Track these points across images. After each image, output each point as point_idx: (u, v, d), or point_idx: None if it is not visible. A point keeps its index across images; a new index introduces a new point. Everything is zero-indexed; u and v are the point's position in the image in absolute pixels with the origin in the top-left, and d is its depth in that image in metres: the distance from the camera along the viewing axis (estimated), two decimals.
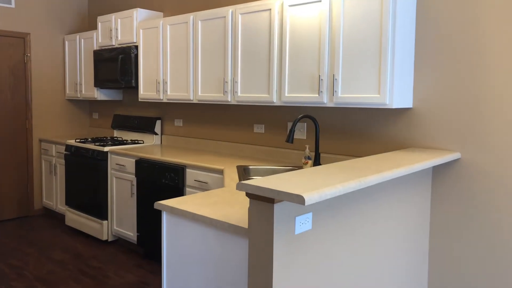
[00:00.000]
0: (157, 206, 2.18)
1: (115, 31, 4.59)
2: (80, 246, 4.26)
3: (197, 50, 3.73)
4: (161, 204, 2.15)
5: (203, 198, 2.27)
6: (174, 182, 3.54)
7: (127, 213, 4.10)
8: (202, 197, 2.30)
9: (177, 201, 2.18)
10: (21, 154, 5.19)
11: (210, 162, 3.41)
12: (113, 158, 4.21)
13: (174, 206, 2.09)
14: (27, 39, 5.15)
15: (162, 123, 4.70)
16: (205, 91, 3.70)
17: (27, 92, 5.19)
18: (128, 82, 4.39)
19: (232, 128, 3.98)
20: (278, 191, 1.55)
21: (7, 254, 4.03)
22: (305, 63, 2.98)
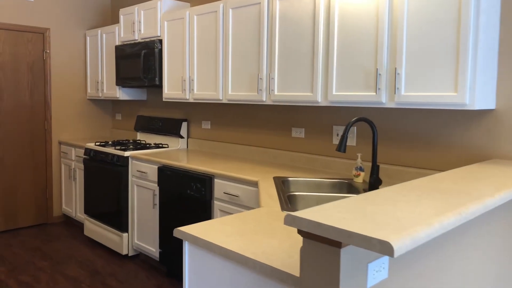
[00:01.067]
0: (177, 234, 1.72)
1: (138, 24, 4.18)
2: (98, 260, 3.86)
3: (227, 43, 3.26)
4: (182, 231, 1.68)
5: (235, 222, 1.79)
6: (200, 194, 3.08)
7: (149, 226, 3.67)
8: (234, 221, 1.82)
9: (202, 228, 1.70)
10: (40, 157, 4.86)
11: (242, 171, 2.93)
12: (134, 164, 3.79)
13: (198, 236, 1.62)
14: (47, 35, 4.81)
15: (188, 125, 4.26)
16: (236, 90, 3.23)
17: (46, 91, 4.86)
18: (151, 80, 3.97)
19: (266, 132, 3.48)
20: (350, 232, 1.05)
21: (18, 268, 3.67)
22: (358, 55, 2.46)
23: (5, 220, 4.65)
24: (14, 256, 3.94)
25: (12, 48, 4.59)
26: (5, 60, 4.55)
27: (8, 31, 4.57)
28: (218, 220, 1.84)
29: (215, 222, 1.82)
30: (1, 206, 4.62)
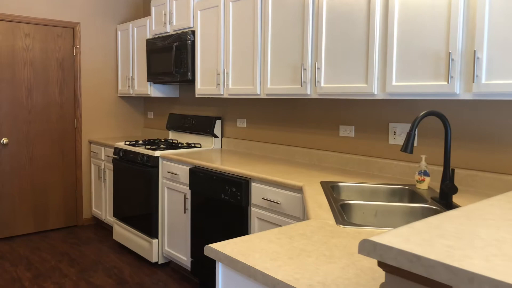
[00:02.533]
0: (209, 252, 1.39)
1: (170, 15, 3.90)
2: (126, 268, 3.60)
3: (266, 30, 2.92)
4: (215, 250, 1.35)
5: (281, 239, 1.44)
6: (235, 199, 2.75)
7: (180, 233, 3.38)
8: (279, 237, 1.47)
9: (240, 246, 1.36)
10: (70, 157, 4.68)
11: (283, 174, 2.58)
12: (164, 165, 3.51)
13: (236, 258, 1.28)
14: (77, 29, 4.63)
15: (222, 124, 3.94)
16: (275, 83, 2.88)
17: (76, 88, 4.67)
18: (183, 74, 3.68)
19: (310, 131, 3.11)
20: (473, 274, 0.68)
21: (44, 274, 3.46)
22: (424, 38, 2.06)
23: (35, 222, 4.49)
24: (41, 261, 3.74)
25: (41, 44, 4.42)
26: (34, 56, 4.39)
27: (38, 26, 4.40)
28: (259, 236, 1.49)
29: (255, 237, 1.47)
30: (32, 207, 4.46)
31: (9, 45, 4.25)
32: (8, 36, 4.24)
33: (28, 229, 4.45)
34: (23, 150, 4.38)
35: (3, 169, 4.28)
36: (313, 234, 1.51)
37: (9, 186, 4.33)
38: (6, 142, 4.28)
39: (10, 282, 3.32)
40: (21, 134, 4.36)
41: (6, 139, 4.28)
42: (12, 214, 4.35)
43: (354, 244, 1.41)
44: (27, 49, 4.35)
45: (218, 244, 1.39)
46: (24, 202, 4.41)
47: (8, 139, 4.30)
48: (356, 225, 1.59)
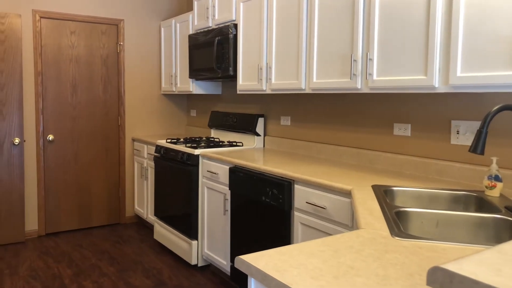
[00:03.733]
0: (240, 265, 1.20)
1: (212, 9, 3.77)
2: (165, 269, 3.50)
3: (312, 19, 2.70)
4: (247, 263, 1.16)
5: (325, 252, 1.23)
6: (277, 202, 2.55)
7: (219, 235, 3.22)
8: (322, 249, 1.26)
9: (276, 259, 1.16)
10: (113, 154, 4.67)
11: (329, 176, 2.35)
12: (204, 164, 3.37)
13: (269, 274, 1.09)
14: (120, 26, 4.60)
15: (265, 122, 3.76)
16: (322, 76, 2.65)
17: (119, 85, 4.65)
18: (225, 70, 3.53)
19: (360, 129, 2.86)
20: None
21: (84, 272, 3.42)
22: (495, 21, 1.76)
23: (79, 218, 4.51)
24: (82, 259, 3.72)
25: (86, 41, 4.43)
26: (79, 53, 4.41)
27: (83, 23, 4.41)
28: (299, 247, 1.29)
29: (294, 249, 1.27)
30: (76, 204, 4.48)
31: (55, 43, 4.29)
32: (54, 34, 4.28)
33: (72, 226, 4.48)
34: (68, 147, 4.42)
35: (49, 165, 4.33)
36: (363, 247, 1.29)
37: (54, 182, 4.37)
38: (52, 139, 4.32)
39: (51, 278, 3.30)
40: (66, 131, 4.39)
41: (52, 136, 4.32)
42: (57, 210, 4.39)
43: (413, 261, 1.18)
44: (73, 46, 4.37)
45: (250, 256, 1.20)
46: (68, 198, 4.44)
47: (54, 135, 4.34)
48: (415, 238, 1.35)
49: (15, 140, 4.02)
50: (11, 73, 3.97)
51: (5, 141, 3.99)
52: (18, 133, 4.04)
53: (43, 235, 4.34)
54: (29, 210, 4.26)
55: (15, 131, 4.02)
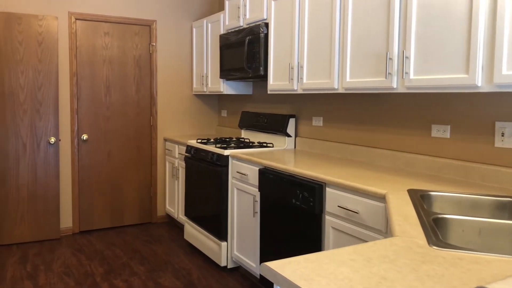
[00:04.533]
0: (265, 272, 1.15)
1: (243, 8, 3.73)
2: (194, 270, 3.49)
3: (345, 15, 2.60)
4: (273, 271, 1.11)
5: (356, 261, 1.15)
6: (308, 205, 2.47)
7: (249, 237, 3.18)
8: (353, 258, 1.18)
9: (304, 267, 1.10)
10: (145, 154, 4.71)
11: (363, 180, 2.25)
12: (234, 164, 3.33)
13: (296, 283, 1.03)
14: (153, 27, 4.64)
15: (296, 122, 3.68)
16: (356, 75, 2.55)
17: (152, 86, 4.69)
18: (256, 70, 3.48)
19: (396, 130, 2.74)
20: None
21: (115, 270, 3.46)
22: None
23: (112, 217, 4.58)
24: (114, 257, 3.76)
25: (119, 42, 4.49)
26: (113, 54, 4.47)
27: (116, 24, 4.48)
28: (328, 255, 1.22)
29: (324, 257, 1.20)
30: (109, 202, 4.55)
31: (90, 44, 4.36)
32: (88, 35, 4.35)
33: (104, 224, 4.55)
34: (101, 146, 4.49)
35: (83, 164, 4.41)
36: (397, 257, 1.20)
37: (88, 181, 4.45)
38: (86, 138, 4.40)
39: (83, 276, 3.35)
40: (99, 131, 4.46)
41: (86, 135, 4.40)
42: (90, 208, 4.47)
43: (454, 275, 1.08)
44: (106, 47, 4.44)
45: (276, 263, 1.14)
46: (102, 197, 4.52)
47: (88, 135, 4.42)
48: (455, 248, 1.25)
49: (51, 139, 4.11)
50: (47, 73, 4.07)
51: (42, 140, 4.10)
52: (54, 132, 4.13)
53: (77, 233, 4.43)
54: (64, 208, 4.36)
55: (51, 131, 4.12)
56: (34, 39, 4.00)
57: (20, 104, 4.00)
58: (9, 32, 3.92)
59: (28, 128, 4.04)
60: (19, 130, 4.01)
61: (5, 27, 3.90)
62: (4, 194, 3.99)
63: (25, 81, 4.00)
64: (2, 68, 3.92)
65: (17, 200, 4.04)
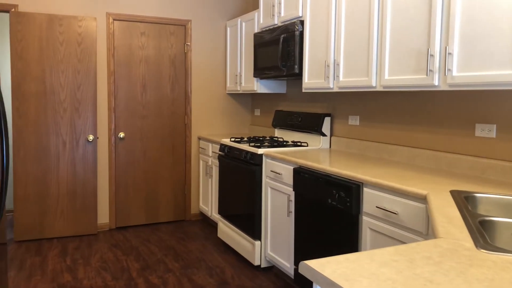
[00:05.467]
0: (304, 271, 1.13)
1: (278, 6, 3.71)
2: (228, 269, 3.49)
3: (384, 11, 2.54)
4: (312, 269, 1.08)
5: (399, 262, 1.11)
6: (344, 205, 2.43)
7: (283, 236, 3.15)
8: (396, 259, 1.14)
9: (344, 267, 1.07)
10: (180, 152, 4.77)
11: (402, 180, 2.19)
12: (268, 163, 3.32)
13: (337, 283, 1.00)
14: (188, 27, 4.69)
15: (331, 121, 3.63)
16: (395, 73, 2.48)
17: (186, 85, 4.74)
18: (290, 68, 3.45)
19: (437, 130, 2.65)
20: None
21: (150, 267, 3.51)
22: None
23: (147, 214, 4.66)
24: (149, 253, 3.82)
25: (155, 42, 4.57)
26: (149, 53, 4.55)
27: (152, 24, 4.55)
28: (369, 255, 1.18)
29: (365, 257, 1.17)
30: (144, 199, 4.63)
31: (126, 44, 4.45)
32: (125, 35, 4.44)
33: (140, 221, 4.63)
34: (137, 144, 4.57)
35: (120, 161, 4.51)
36: (443, 259, 1.15)
37: (124, 178, 4.54)
38: (122, 136, 4.50)
39: (120, 271, 3.42)
40: (135, 129, 4.55)
41: (123, 133, 4.50)
42: (126, 205, 4.56)
43: (505, 279, 1.03)
44: (142, 47, 4.52)
45: (316, 262, 1.12)
46: (137, 194, 4.60)
47: (125, 133, 4.51)
48: (506, 252, 1.19)
49: (89, 137, 4.22)
50: (86, 73, 4.18)
51: (81, 138, 4.21)
52: (92, 130, 4.24)
53: (114, 229, 4.53)
54: (101, 204, 4.47)
55: (89, 128, 4.23)
56: (74, 40, 4.12)
57: (60, 102, 4.12)
58: (51, 33, 4.05)
59: (68, 126, 4.16)
60: (59, 128, 4.14)
61: (48, 28, 4.04)
62: (45, 190, 4.13)
63: (65, 81, 4.12)
64: (44, 68, 4.05)
65: (57, 196, 4.17)
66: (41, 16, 4.01)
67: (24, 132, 4.04)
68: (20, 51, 3.98)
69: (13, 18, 3.94)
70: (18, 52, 3.97)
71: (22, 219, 4.08)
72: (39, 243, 4.06)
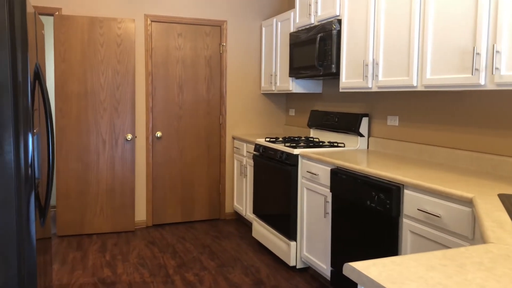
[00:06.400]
0: (349, 272, 1.12)
1: (315, 5, 3.68)
2: (263, 268, 3.50)
3: (426, 7, 2.48)
4: (357, 271, 1.07)
5: (446, 268, 1.08)
6: (384, 207, 2.38)
7: (319, 238, 3.13)
8: (443, 264, 1.12)
9: (390, 269, 1.05)
10: (214, 152, 4.81)
11: (444, 182, 2.13)
12: (304, 164, 3.30)
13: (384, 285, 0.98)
14: (223, 27, 4.72)
15: (369, 121, 3.57)
16: (437, 72, 2.42)
17: (221, 85, 4.78)
18: (327, 67, 3.42)
19: (482, 130, 2.57)
20: None
21: (186, 264, 3.56)
22: None
23: (182, 212, 4.73)
24: (185, 251, 3.88)
25: (191, 42, 4.63)
26: (185, 54, 4.61)
27: (188, 25, 4.61)
28: (416, 258, 1.16)
29: (411, 260, 1.14)
30: (180, 197, 4.71)
31: (164, 45, 4.53)
32: (163, 37, 4.52)
33: (175, 219, 4.71)
34: (174, 144, 4.65)
35: (157, 160, 4.59)
36: (495, 265, 1.12)
37: (161, 177, 4.62)
38: (160, 136, 4.58)
39: (157, 267, 3.49)
40: (172, 128, 4.63)
41: (160, 133, 4.58)
42: (163, 203, 4.65)
43: None
44: (179, 48, 4.59)
45: (361, 263, 1.11)
46: (173, 192, 4.68)
47: (161, 132, 4.59)
48: None
49: (128, 136, 4.33)
50: (125, 74, 4.28)
51: (120, 137, 4.32)
52: (131, 129, 4.34)
53: (150, 226, 4.62)
54: (138, 201, 4.57)
55: (128, 128, 4.33)
56: (113, 41, 4.23)
57: (100, 102, 4.24)
58: (92, 35, 4.17)
59: (107, 125, 4.28)
60: (99, 127, 4.26)
61: (89, 30, 4.16)
62: (86, 187, 4.26)
63: (105, 81, 4.24)
64: (85, 69, 4.18)
65: (96, 193, 4.29)
66: (83, 19, 4.14)
67: (66, 131, 4.18)
68: (63, 53, 4.12)
69: (57, 21, 4.09)
70: (62, 54, 4.11)
71: (64, 215, 4.23)
72: (80, 238, 4.19)
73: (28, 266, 2.20)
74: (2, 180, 2.10)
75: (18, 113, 2.12)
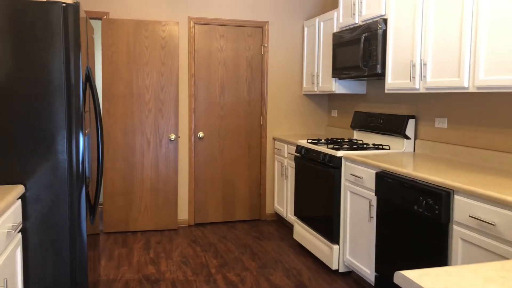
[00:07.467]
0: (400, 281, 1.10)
1: (359, 4, 3.61)
2: (305, 271, 3.48)
3: (479, 2, 2.37)
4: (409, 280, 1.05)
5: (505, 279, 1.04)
6: (432, 213, 2.30)
7: (363, 242, 3.07)
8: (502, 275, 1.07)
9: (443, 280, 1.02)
10: (255, 152, 4.83)
11: (499, 188, 2.03)
12: (347, 166, 3.25)
13: None
14: (265, 28, 4.73)
15: (416, 123, 3.47)
16: (491, 73, 2.31)
17: (263, 86, 4.78)
18: (372, 68, 3.35)
19: None
20: None
21: (228, 264, 3.59)
22: None
23: (224, 212, 4.77)
24: (226, 251, 3.91)
25: (233, 44, 4.66)
26: (227, 55, 4.65)
27: (230, 27, 4.64)
28: (472, 269, 1.11)
29: (466, 270, 1.10)
30: (221, 198, 4.75)
31: (206, 47, 4.59)
32: (205, 38, 4.58)
33: (217, 218, 4.76)
34: (215, 144, 4.70)
35: (199, 160, 4.66)
36: None
37: (203, 176, 4.69)
38: (202, 136, 4.65)
39: (199, 266, 3.54)
40: (214, 129, 4.68)
41: (202, 133, 4.64)
42: (205, 202, 4.71)
43: None
44: (221, 49, 4.63)
45: (412, 272, 1.07)
46: (215, 192, 4.73)
47: (204, 133, 4.66)
48: None
49: (171, 136, 4.41)
50: (169, 75, 4.37)
51: (163, 137, 4.41)
52: (174, 130, 4.42)
53: (192, 225, 4.69)
54: (181, 200, 4.65)
55: (171, 128, 4.42)
56: (158, 44, 4.32)
57: (145, 103, 4.35)
58: (137, 38, 4.28)
59: (152, 125, 4.38)
60: (144, 127, 4.37)
61: (135, 33, 4.27)
62: (131, 186, 4.38)
63: (150, 83, 4.34)
64: (131, 71, 4.30)
65: (141, 191, 4.41)
66: (129, 22, 4.26)
67: (113, 132, 4.31)
68: (111, 56, 4.25)
69: (104, 25, 4.23)
70: (109, 56, 4.25)
71: (110, 212, 4.37)
72: (125, 236, 4.32)
73: (80, 260, 2.29)
74: (56, 178, 2.20)
75: (71, 114, 2.21)
